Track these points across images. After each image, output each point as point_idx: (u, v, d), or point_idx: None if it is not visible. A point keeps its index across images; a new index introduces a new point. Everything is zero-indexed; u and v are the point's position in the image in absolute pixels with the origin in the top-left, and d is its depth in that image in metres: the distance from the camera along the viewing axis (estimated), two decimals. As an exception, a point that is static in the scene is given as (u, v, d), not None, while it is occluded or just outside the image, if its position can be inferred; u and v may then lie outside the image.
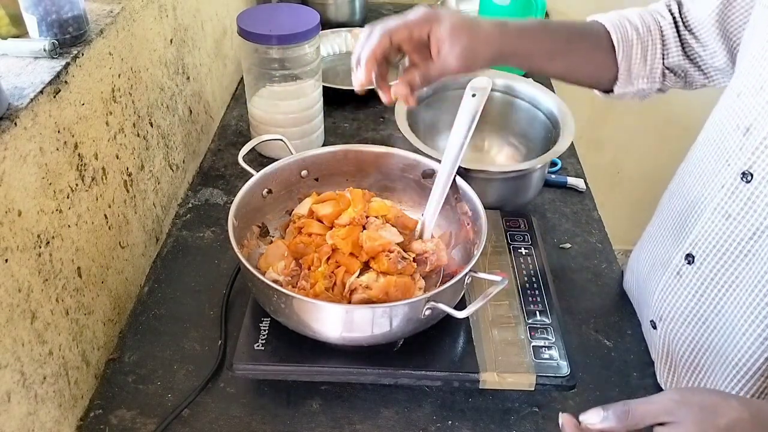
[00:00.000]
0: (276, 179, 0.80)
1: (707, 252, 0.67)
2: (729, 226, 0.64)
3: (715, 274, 0.66)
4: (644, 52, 0.75)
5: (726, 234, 0.64)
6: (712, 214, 0.66)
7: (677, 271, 0.71)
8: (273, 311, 0.68)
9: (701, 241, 0.68)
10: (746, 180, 0.62)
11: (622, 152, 1.94)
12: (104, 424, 0.68)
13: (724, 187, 0.64)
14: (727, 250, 0.65)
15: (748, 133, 0.62)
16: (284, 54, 0.98)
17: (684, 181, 0.73)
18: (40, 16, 0.64)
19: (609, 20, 0.76)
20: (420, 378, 0.69)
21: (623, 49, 0.75)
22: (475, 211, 0.75)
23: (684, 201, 0.72)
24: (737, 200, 0.63)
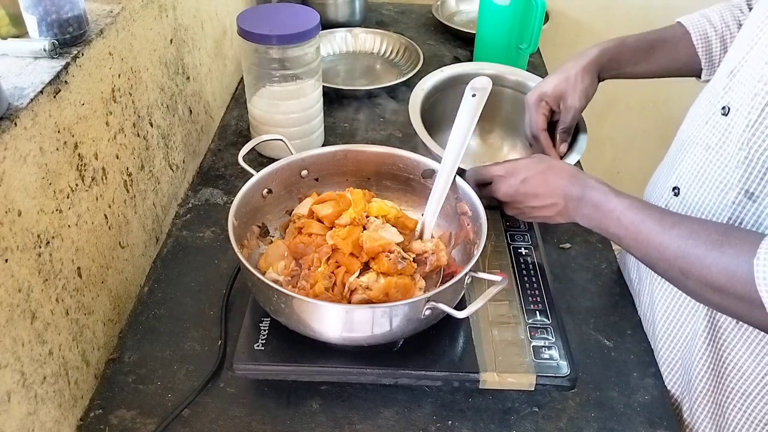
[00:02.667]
0: (276, 179, 0.80)
1: (690, 183, 0.72)
2: (708, 156, 0.69)
3: (697, 203, 0.71)
4: (723, 44, 0.86)
5: (706, 164, 0.70)
6: (695, 148, 0.72)
7: (666, 204, 0.76)
8: (273, 311, 0.68)
9: (685, 173, 0.73)
10: (724, 113, 0.68)
11: (622, 152, 1.94)
12: (104, 424, 0.68)
13: (708, 123, 0.70)
14: (707, 180, 0.69)
15: (732, 74, 0.68)
16: (284, 54, 0.98)
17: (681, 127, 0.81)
18: (40, 16, 0.64)
19: (689, 21, 0.88)
20: (420, 378, 0.69)
21: (702, 45, 0.86)
22: (475, 211, 0.75)
23: (677, 142, 0.79)
24: (717, 132, 0.68)
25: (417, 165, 0.82)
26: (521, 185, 0.73)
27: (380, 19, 1.55)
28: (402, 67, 1.34)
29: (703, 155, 0.70)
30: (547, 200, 0.72)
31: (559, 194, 0.71)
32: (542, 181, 0.72)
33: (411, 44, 1.36)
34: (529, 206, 0.74)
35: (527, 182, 0.73)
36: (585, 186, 0.70)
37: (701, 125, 0.72)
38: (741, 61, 0.67)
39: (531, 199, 0.73)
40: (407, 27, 1.52)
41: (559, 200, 0.71)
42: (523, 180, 0.73)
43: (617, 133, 1.89)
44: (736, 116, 0.65)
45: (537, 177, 0.72)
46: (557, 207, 0.72)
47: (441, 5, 1.56)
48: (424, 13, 1.58)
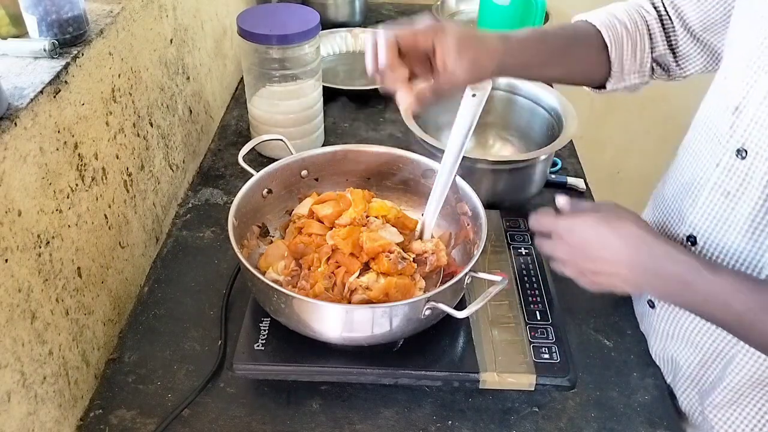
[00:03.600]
0: (276, 179, 0.80)
1: (709, 232, 0.68)
2: (729, 204, 0.65)
3: (719, 253, 0.67)
4: (634, 48, 0.78)
5: (727, 212, 0.65)
6: (710, 193, 0.67)
7: None
8: (273, 311, 0.68)
9: (702, 221, 0.68)
10: (741, 157, 0.63)
11: (622, 152, 1.94)
12: (104, 424, 0.68)
13: (719, 165, 0.65)
14: (729, 228, 0.65)
15: (738, 111, 0.63)
16: (284, 54, 0.98)
17: (679, 165, 0.75)
18: (40, 16, 0.64)
19: (599, 20, 0.77)
20: (420, 378, 0.69)
21: (615, 47, 0.77)
22: (475, 211, 0.75)
23: (679, 184, 0.73)
24: (735, 177, 0.64)
25: (417, 165, 0.82)
26: (579, 248, 0.64)
27: (380, 19, 1.55)
28: (402, 67, 1.34)
29: (722, 202, 0.65)
30: (606, 267, 0.63)
31: (623, 262, 0.62)
32: (602, 245, 0.63)
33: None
34: (591, 270, 0.64)
35: (584, 245, 0.64)
36: (661, 257, 0.60)
37: (711, 167, 0.67)
38: (746, 96, 0.62)
39: (591, 263, 0.64)
40: (407, 27, 1.52)
41: (622, 270, 0.62)
42: (581, 242, 0.64)
43: (617, 133, 1.89)
44: (757, 161, 0.61)
45: (597, 240, 0.63)
46: (620, 276, 0.62)
47: (441, 5, 1.56)
48: (424, 13, 1.58)
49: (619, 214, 0.64)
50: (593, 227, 0.64)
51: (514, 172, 0.89)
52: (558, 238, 0.66)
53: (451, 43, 0.67)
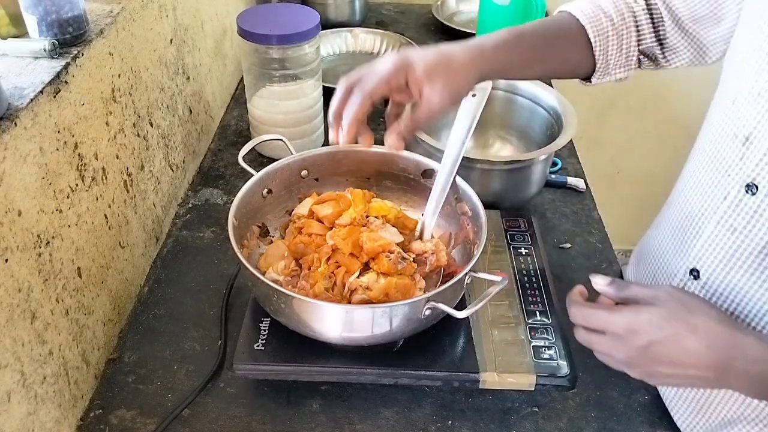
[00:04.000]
0: (276, 179, 0.80)
1: (713, 267, 0.65)
2: (735, 240, 0.62)
3: (723, 289, 0.64)
4: (620, 42, 0.76)
5: (733, 248, 0.62)
6: (716, 227, 0.64)
7: (682, 287, 0.69)
8: (273, 311, 0.68)
9: (706, 255, 0.65)
10: (751, 192, 0.60)
11: (622, 152, 1.94)
12: (104, 424, 0.68)
13: (726, 199, 0.62)
14: (735, 265, 0.62)
15: (748, 142, 0.60)
16: (284, 54, 0.98)
17: (682, 192, 0.72)
18: (40, 16, 0.64)
19: (583, 13, 0.75)
20: (420, 378, 0.69)
21: (599, 42, 0.75)
22: (475, 211, 0.75)
23: (683, 213, 0.70)
24: (743, 213, 0.61)
25: (417, 165, 0.82)
26: (648, 351, 0.56)
27: (380, 19, 1.55)
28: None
29: (728, 237, 0.62)
30: (689, 371, 0.55)
31: (710, 367, 0.54)
32: (679, 348, 0.55)
33: (411, 44, 1.36)
34: (665, 374, 0.57)
35: (656, 348, 0.55)
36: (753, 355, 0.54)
37: (718, 200, 0.63)
38: (757, 126, 0.59)
39: (664, 365, 0.56)
40: (407, 27, 1.52)
41: (708, 373, 0.55)
42: (649, 344, 0.55)
43: (617, 133, 1.89)
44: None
45: (669, 342, 0.55)
46: (706, 380, 0.55)
47: (441, 5, 1.56)
48: (424, 13, 1.58)
49: (688, 306, 0.56)
50: (663, 328, 0.55)
51: (514, 172, 0.89)
52: (615, 338, 0.57)
53: (419, 73, 0.68)
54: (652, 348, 0.55)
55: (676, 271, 0.70)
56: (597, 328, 0.59)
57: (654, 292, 0.58)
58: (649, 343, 0.55)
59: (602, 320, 0.58)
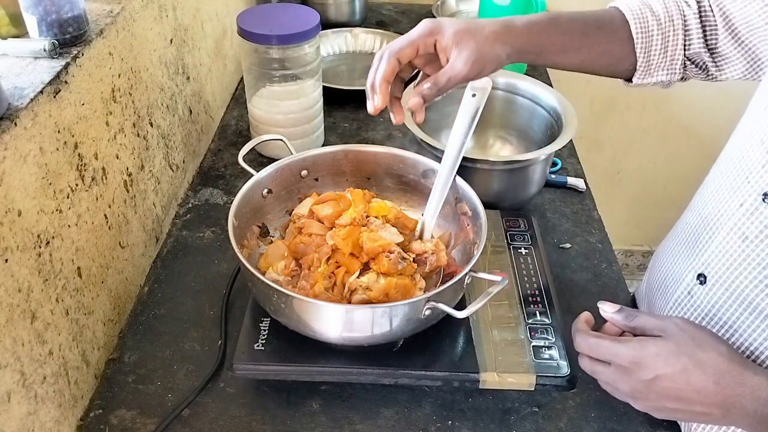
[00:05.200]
0: (276, 179, 0.80)
1: (720, 273, 0.64)
2: (746, 248, 0.61)
3: (728, 297, 0.64)
4: (665, 43, 0.73)
5: (742, 257, 0.62)
6: (728, 234, 0.63)
7: (688, 291, 0.69)
8: (273, 311, 0.68)
9: (715, 261, 0.65)
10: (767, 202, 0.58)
11: (622, 152, 1.94)
12: (104, 424, 0.68)
13: (743, 206, 0.62)
14: (741, 273, 0.62)
15: None
16: (284, 54, 0.98)
17: (701, 197, 0.71)
18: (40, 16, 0.64)
19: (629, 8, 0.73)
20: (420, 378, 0.69)
21: (642, 40, 0.72)
22: (475, 211, 0.75)
23: (699, 216, 0.69)
24: (756, 222, 0.60)
25: (417, 165, 0.82)
26: (654, 384, 0.55)
27: (380, 19, 1.55)
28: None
29: (738, 245, 0.62)
30: (695, 407, 0.55)
31: (715, 403, 0.54)
32: (685, 384, 0.54)
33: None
34: (670, 408, 0.56)
35: (662, 382, 0.55)
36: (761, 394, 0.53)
37: (734, 207, 0.62)
38: None
39: (669, 401, 0.56)
40: (407, 27, 1.51)
41: (714, 410, 0.54)
42: (655, 378, 0.55)
43: (617, 133, 1.89)
44: None
45: (676, 377, 0.54)
46: (712, 417, 0.55)
47: (441, 5, 1.56)
48: (424, 13, 1.58)
49: (697, 340, 0.56)
50: (670, 363, 0.54)
51: (514, 172, 0.89)
52: (621, 370, 0.57)
53: (448, 36, 0.67)
54: (657, 382, 0.55)
55: (685, 275, 0.70)
56: (602, 359, 0.58)
57: (663, 324, 0.57)
58: (656, 377, 0.55)
59: (608, 351, 0.58)
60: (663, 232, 0.86)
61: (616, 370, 0.57)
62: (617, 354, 0.57)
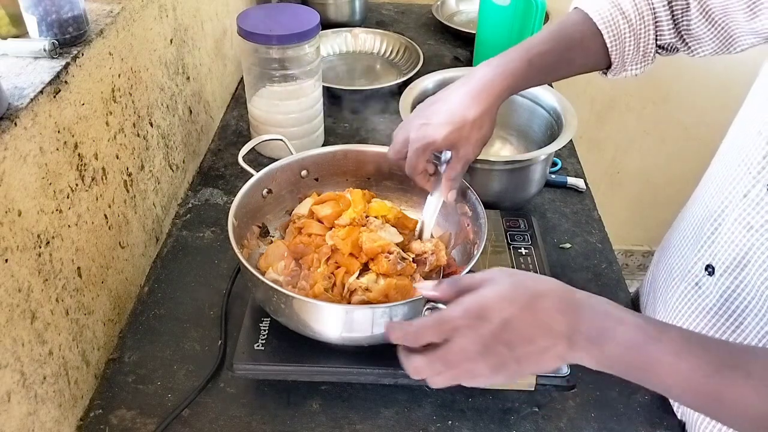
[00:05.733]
0: (276, 179, 0.80)
1: (728, 264, 0.65)
2: (751, 238, 0.61)
3: (736, 287, 0.64)
4: (637, 42, 0.74)
5: (747, 246, 0.62)
6: (734, 224, 0.64)
7: (696, 282, 0.69)
8: (273, 311, 0.68)
9: (722, 251, 0.65)
10: None
11: (622, 152, 1.94)
12: (104, 424, 0.68)
13: (747, 196, 0.62)
14: (749, 263, 0.62)
15: None
16: (284, 54, 0.98)
17: (704, 189, 0.71)
18: (40, 16, 0.64)
19: (599, 15, 0.73)
20: (420, 378, 0.69)
21: (616, 46, 0.74)
22: (475, 212, 0.75)
23: (704, 209, 0.70)
24: (762, 212, 0.60)
25: (417, 165, 0.82)
26: (502, 330, 0.50)
27: (380, 19, 1.55)
28: (402, 67, 1.34)
29: (744, 235, 0.62)
30: (543, 342, 0.50)
31: (560, 333, 0.50)
32: (532, 319, 0.50)
33: (411, 44, 1.36)
34: (518, 356, 0.51)
35: (511, 324, 0.50)
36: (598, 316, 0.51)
37: (738, 197, 0.63)
38: None
39: (521, 346, 0.51)
40: (407, 27, 1.52)
41: (560, 341, 0.50)
42: (504, 324, 0.50)
43: (617, 133, 1.89)
44: None
45: (523, 314, 0.50)
46: (556, 350, 0.51)
47: (441, 5, 1.56)
48: (424, 13, 1.58)
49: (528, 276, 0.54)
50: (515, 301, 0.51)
51: (514, 172, 0.89)
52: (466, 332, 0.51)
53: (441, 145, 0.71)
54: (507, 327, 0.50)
55: (693, 267, 0.70)
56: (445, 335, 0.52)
57: (486, 274, 0.54)
58: (504, 321, 0.50)
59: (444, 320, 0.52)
60: (663, 232, 0.86)
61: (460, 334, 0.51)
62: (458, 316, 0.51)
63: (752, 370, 0.47)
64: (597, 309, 0.51)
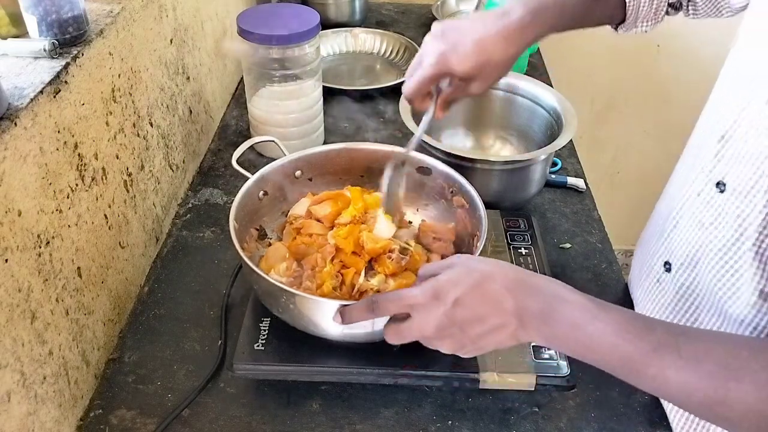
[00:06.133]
0: (270, 181, 0.80)
1: (682, 260, 0.66)
2: (701, 235, 0.63)
3: (690, 283, 0.66)
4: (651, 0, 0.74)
5: (698, 243, 0.64)
6: (688, 222, 0.66)
7: (657, 278, 0.71)
8: (280, 311, 0.68)
9: (678, 249, 0.67)
10: (720, 190, 0.60)
11: (622, 152, 1.94)
12: (104, 424, 0.68)
13: (699, 195, 0.64)
14: (701, 260, 0.64)
15: (723, 140, 0.60)
16: (284, 54, 0.98)
17: (668, 188, 0.73)
18: (40, 16, 0.64)
19: None
20: (420, 378, 0.69)
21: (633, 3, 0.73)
22: (472, 203, 0.75)
23: (666, 207, 0.72)
24: (711, 210, 0.62)
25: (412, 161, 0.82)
26: (455, 310, 0.54)
27: (380, 19, 1.55)
28: (402, 67, 1.34)
29: (696, 233, 0.64)
30: (494, 320, 0.53)
31: (509, 311, 0.53)
32: (481, 297, 0.53)
33: (411, 44, 1.36)
34: (473, 335, 0.55)
35: (462, 304, 0.53)
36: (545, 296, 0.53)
37: (693, 196, 0.65)
38: (733, 125, 0.59)
39: (473, 325, 0.54)
40: (407, 27, 1.52)
41: (510, 318, 0.53)
42: (455, 302, 0.53)
43: (617, 133, 1.89)
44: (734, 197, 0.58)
45: (473, 293, 0.53)
46: (509, 329, 0.53)
47: (441, 5, 1.56)
48: (424, 13, 1.58)
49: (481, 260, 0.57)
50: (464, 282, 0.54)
51: (514, 172, 0.89)
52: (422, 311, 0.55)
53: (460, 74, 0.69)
54: (458, 307, 0.54)
55: (655, 263, 0.72)
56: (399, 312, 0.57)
57: (446, 260, 0.58)
58: (455, 300, 0.54)
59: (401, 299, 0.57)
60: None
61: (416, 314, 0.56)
62: (411, 295, 0.56)
63: (683, 349, 0.49)
64: (544, 288, 0.54)
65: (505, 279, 0.54)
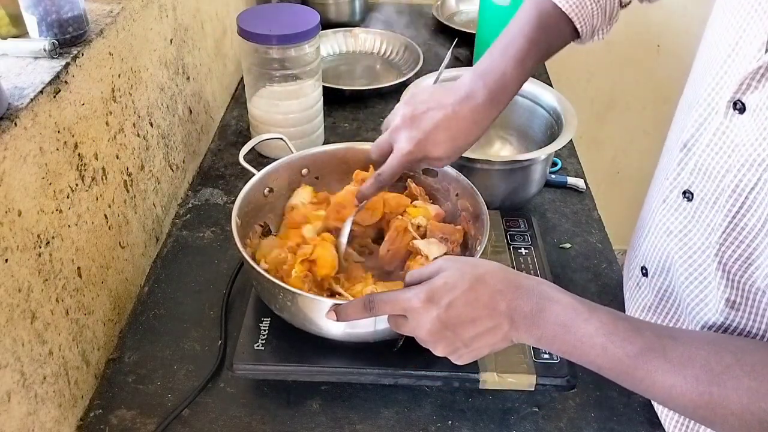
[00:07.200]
0: (277, 178, 0.80)
1: (656, 266, 0.67)
2: (670, 242, 0.63)
3: (666, 287, 0.66)
4: (604, 13, 0.72)
5: (668, 250, 0.64)
6: (657, 229, 0.66)
7: (637, 282, 0.72)
8: (279, 309, 0.68)
9: (650, 255, 0.68)
10: (688, 199, 0.60)
11: (622, 152, 1.94)
12: (104, 424, 0.68)
13: (665, 202, 0.63)
14: (672, 266, 0.64)
15: (686, 149, 0.60)
16: (284, 54, 0.98)
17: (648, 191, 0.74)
18: (40, 16, 0.64)
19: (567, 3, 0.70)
20: (420, 378, 0.69)
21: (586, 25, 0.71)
22: (475, 207, 0.75)
23: (643, 212, 0.73)
24: (680, 218, 0.61)
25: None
26: (448, 313, 0.54)
27: (380, 19, 1.55)
28: (402, 67, 1.34)
29: (664, 240, 0.64)
30: (487, 323, 0.54)
31: (502, 312, 0.53)
32: (474, 300, 0.54)
33: (411, 44, 1.36)
34: (466, 338, 0.55)
35: (454, 307, 0.54)
36: (535, 296, 0.54)
37: (659, 203, 0.65)
38: (695, 134, 0.58)
39: (466, 327, 0.54)
40: (407, 27, 1.52)
41: (503, 320, 0.54)
42: (448, 305, 0.54)
43: (617, 133, 1.89)
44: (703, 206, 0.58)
45: (466, 296, 0.54)
46: (501, 330, 0.54)
47: (441, 5, 1.56)
48: (424, 13, 1.58)
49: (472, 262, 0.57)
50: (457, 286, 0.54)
51: (514, 172, 0.89)
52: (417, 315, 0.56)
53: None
54: (451, 310, 0.54)
55: (635, 266, 0.72)
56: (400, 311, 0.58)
57: (436, 264, 0.58)
58: (448, 304, 0.54)
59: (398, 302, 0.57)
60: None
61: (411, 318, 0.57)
62: (407, 298, 0.56)
63: (670, 353, 0.50)
64: (534, 289, 0.54)
65: (496, 280, 0.55)
